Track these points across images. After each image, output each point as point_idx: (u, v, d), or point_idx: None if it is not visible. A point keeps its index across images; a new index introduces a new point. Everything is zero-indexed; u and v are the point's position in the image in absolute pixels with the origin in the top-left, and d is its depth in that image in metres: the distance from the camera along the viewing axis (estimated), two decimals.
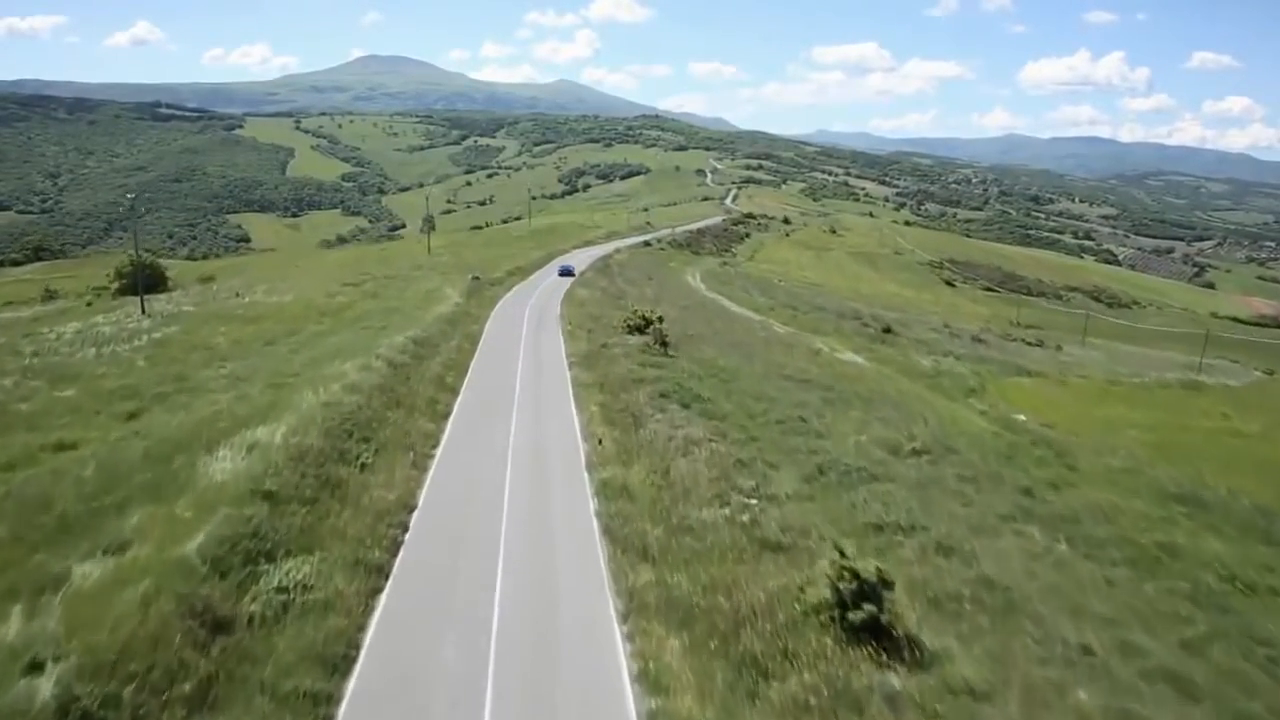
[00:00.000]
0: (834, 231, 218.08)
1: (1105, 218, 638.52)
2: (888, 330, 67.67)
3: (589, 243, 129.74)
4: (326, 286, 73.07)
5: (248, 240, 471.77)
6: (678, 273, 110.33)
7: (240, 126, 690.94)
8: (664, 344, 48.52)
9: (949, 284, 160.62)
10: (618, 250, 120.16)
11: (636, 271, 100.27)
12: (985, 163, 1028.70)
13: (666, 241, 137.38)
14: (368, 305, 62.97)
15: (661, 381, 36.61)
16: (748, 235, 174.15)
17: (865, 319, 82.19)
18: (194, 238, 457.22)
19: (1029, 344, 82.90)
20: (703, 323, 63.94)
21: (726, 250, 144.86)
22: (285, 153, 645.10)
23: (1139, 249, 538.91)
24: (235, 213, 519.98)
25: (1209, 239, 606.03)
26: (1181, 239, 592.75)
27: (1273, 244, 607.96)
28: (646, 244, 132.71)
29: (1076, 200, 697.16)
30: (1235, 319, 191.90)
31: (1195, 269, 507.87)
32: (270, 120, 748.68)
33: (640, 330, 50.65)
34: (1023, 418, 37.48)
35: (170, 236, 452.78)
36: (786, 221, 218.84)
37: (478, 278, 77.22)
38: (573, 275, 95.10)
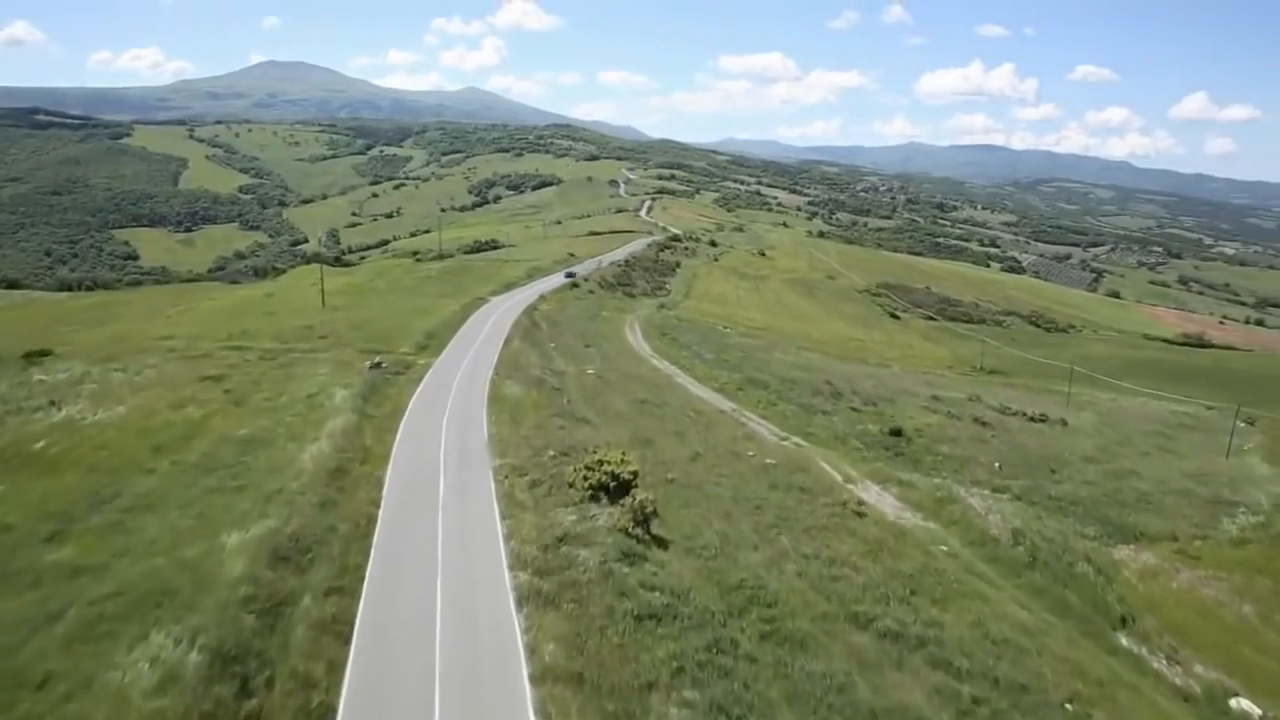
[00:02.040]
0: (763, 254, 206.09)
1: (1007, 224, 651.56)
2: (896, 433, 53.99)
3: (510, 285, 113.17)
4: (179, 386, 55.39)
5: (136, 258, 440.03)
6: (615, 326, 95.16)
7: (128, 135, 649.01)
8: (647, 520, 33.34)
9: (893, 315, 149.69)
10: (542, 297, 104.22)
11: (570, 333, 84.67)
12: (889, 170, 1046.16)
13: (595, 280, 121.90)
14: (227, 426, 45.86)
15: (684, 672, 21.48)
16: (678, 265, 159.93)
17: (849, 397, 68.49)
18: (75, 255, 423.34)
19: (1031, 419, 70.57)
20: (674, 437, 48.83)
21: (660, 287, 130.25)
22: (178, 163, 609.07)
23: (1041, 255, 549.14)
24: (122, 227, 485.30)
25: (1102, 244, 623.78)
26: (1077, 245, 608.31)
27: (1160, 249, 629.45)
28: (574, 284, 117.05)
29: (979, 207, 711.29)
30: (1166, 340, 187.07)
31: (1093, 274, 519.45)
32: (161, 129, 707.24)
33: (609, 492, 35.28)
34: (1247, 708, 23.87)
35: (48, 254, 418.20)
36: (713, 245, 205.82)
37: (378, 364, 60.47)
38: (575, 276, 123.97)
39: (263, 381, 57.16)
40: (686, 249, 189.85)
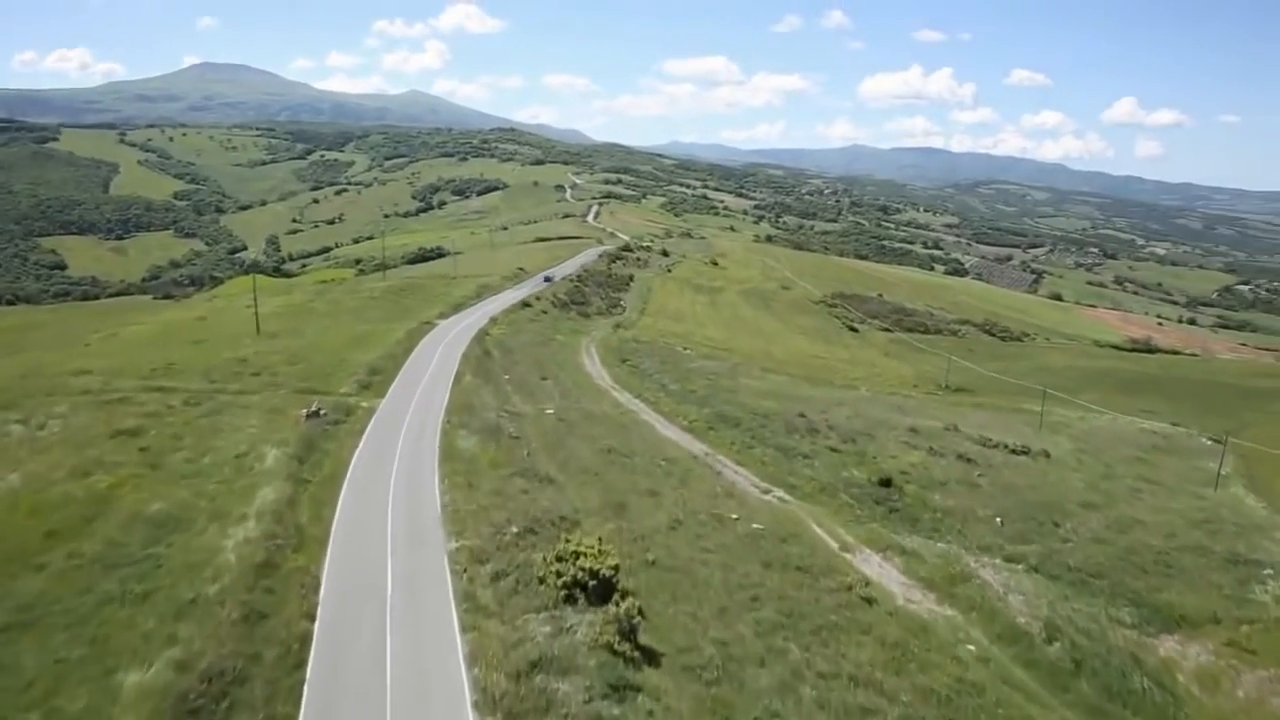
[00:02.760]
0: (716, 264, 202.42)
1: (949, 226, 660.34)
2: (886, 483, 49.71)
3: (458, 305, 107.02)
4: (88, 443, 48.81)
5: (64, 268, 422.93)
6: (571, 351, 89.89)
7: (55, 139, 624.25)
8: (634, 629, 28.34)
9: (851, 328, 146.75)
10: (493, 320, 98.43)
11: (525, 362, 79.29)
12: (833, 173, 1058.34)
13: (548, 299, 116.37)
14: (138, 499, 39.74)
15: None
16: (631, 278, 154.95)
17: (825, 433, 64.23)
18: None
19: (1013, 451, 67.14)
20: (648, 498, 43.91)
21: (615, 305, 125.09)
22: (108, 168, 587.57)
23: (983, 257, 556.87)
24: (48, 236, 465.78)
25: (1040, 246, 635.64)
26: (1017, 246, 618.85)
27: (1096, 250, 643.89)
28: (525, 303, 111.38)
29: (921, 210, 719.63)
30: (1116, 346, 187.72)
31: (1034, 275, 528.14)
32: (90, 132, 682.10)
33: (586, 592, 30.18)
34: None
35: None
36: (665, 254, 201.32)
37: (316, 412, 54.42)
38: (553, 281, 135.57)
39: (185, 435, 50.82)
40: (639, 259, 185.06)
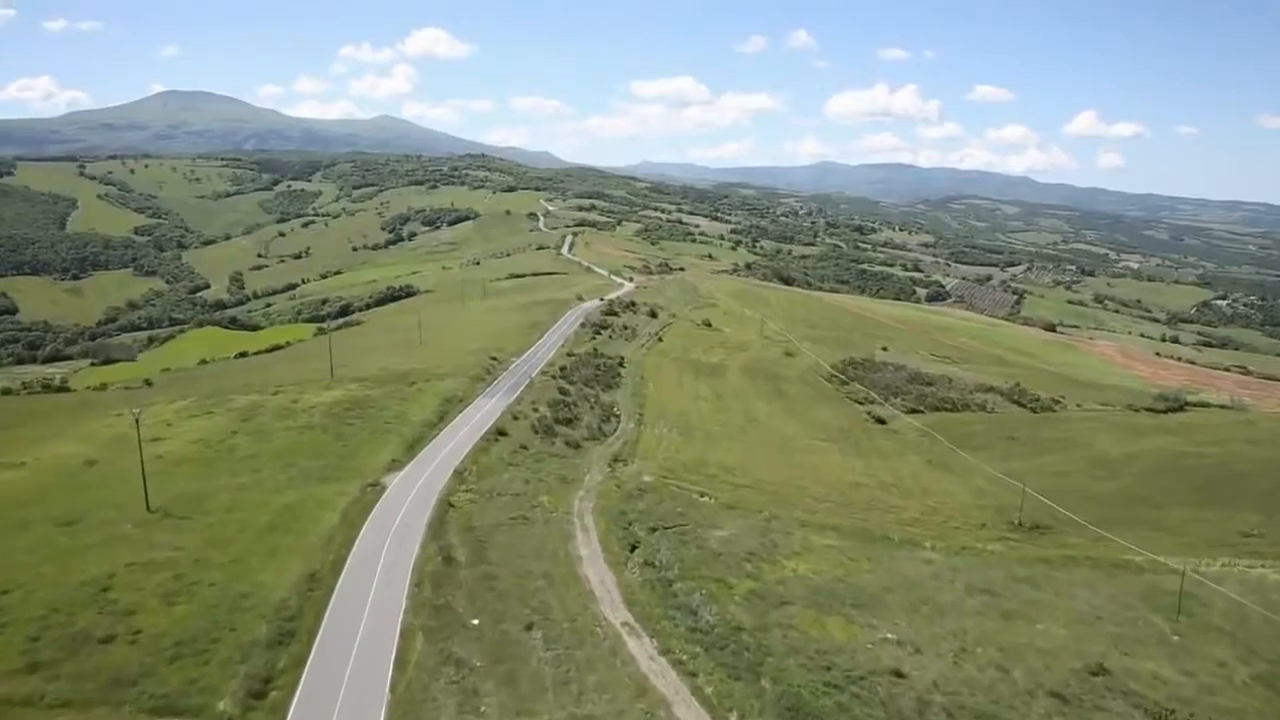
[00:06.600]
0: (709, 324, 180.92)
1: (925, 246, 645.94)
2: None
3: (415, 443, 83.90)
4: None
5: (13, 312, 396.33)
6: (563, 534, 67.19)
7: (10, 173, 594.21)
8: None
9: (878, 420, 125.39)
10: (459, 475, 75.61)
11: (502, 575, 56.71)
12: (804, 190, 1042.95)
13: (528, 419, 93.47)
14: None
15: None
16: (622, 361, 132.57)
17: None
18: None
19: None
20: None
21: (607, 418, 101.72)
22: (65, 203, 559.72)
23: (963, 278, 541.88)
24: (0, 276, 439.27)
25: (1017, 264, 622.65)
26: (995, 265, 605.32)
27: (1073, 267, 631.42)
28: (501, 432, 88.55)
29: (896, 229, 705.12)
30: (1150, 409, 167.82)
31: (1015, 296, 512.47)
32: (48, 166, 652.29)
33: None
34: None
35: None
36: (653, 315, 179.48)
37: None
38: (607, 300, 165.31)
39: None
40: (626, 327, 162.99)
